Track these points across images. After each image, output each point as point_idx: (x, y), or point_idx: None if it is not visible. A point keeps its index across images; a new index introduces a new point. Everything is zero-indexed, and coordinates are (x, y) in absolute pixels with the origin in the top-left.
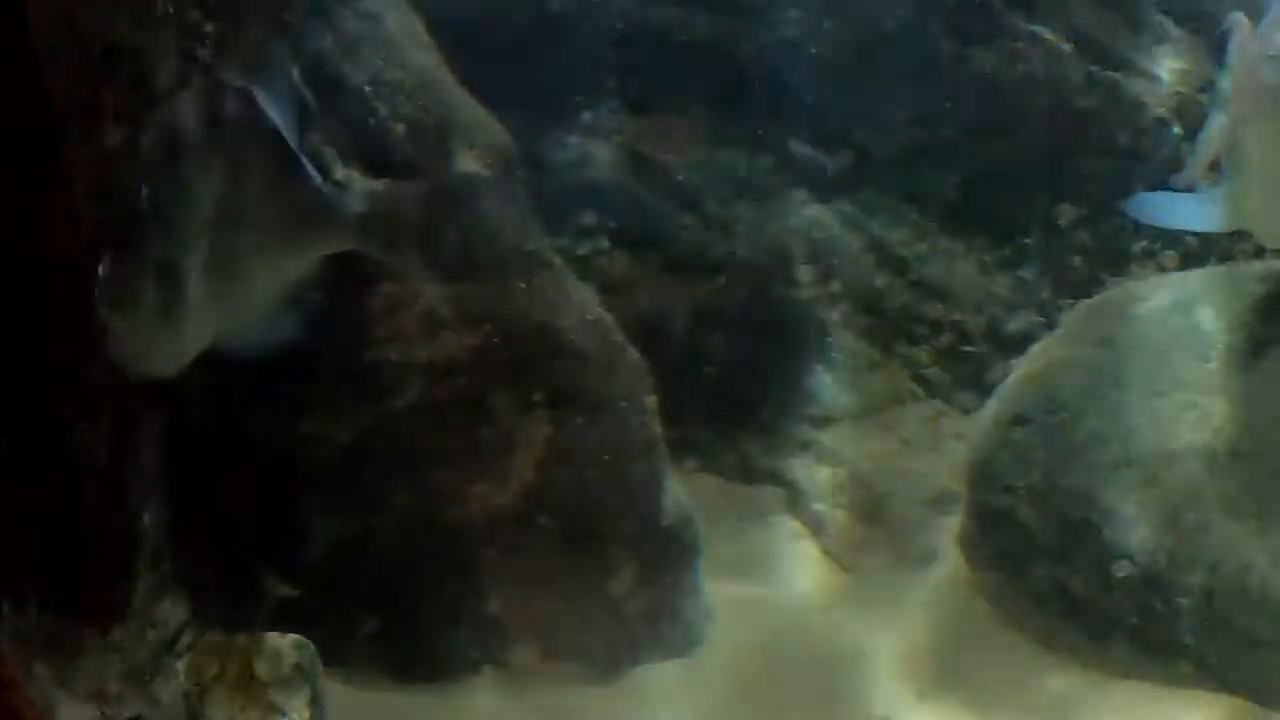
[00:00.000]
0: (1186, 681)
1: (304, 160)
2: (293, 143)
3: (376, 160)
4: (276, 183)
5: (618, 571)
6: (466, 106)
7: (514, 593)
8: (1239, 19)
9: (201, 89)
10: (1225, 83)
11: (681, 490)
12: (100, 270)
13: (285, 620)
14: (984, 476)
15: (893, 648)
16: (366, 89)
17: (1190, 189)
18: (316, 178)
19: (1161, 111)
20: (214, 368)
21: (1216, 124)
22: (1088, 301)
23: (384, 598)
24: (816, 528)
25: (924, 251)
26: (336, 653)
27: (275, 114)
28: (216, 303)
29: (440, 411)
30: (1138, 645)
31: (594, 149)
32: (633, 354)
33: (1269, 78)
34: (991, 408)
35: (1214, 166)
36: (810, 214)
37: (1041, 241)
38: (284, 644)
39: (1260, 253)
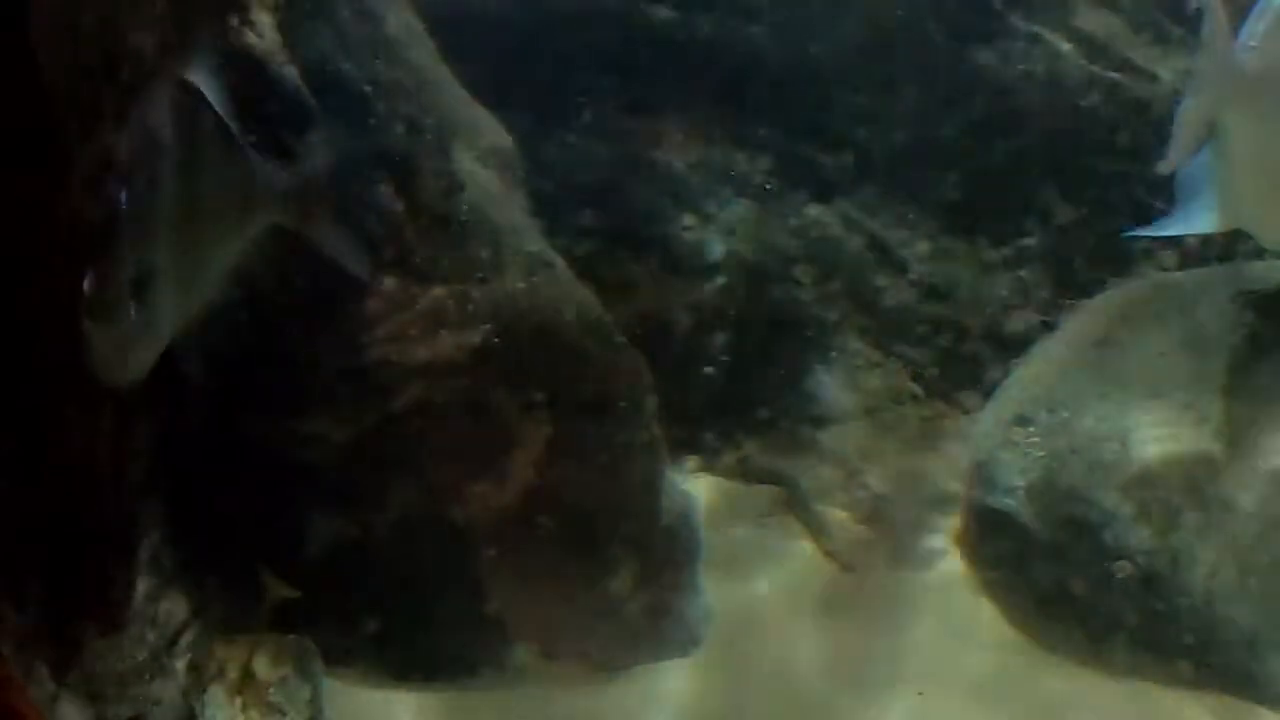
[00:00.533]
0: (1186, 681)
1: (237, 138)
2: (227, 119)
3: (375, 159)
4: (218, 166)
5: (617, 571)
6: (466, 106)
7: (514, 592)
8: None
9: (163, 87)
10: (1198, 64)
11: (681, 490)
12: (85, 286)
13: (285, 620)
14: (984, 476)
15: (893, 648)
16: (366, 89)
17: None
18: (250, 155)
19: (1161, 111)
20: (214, 368)
21: (1189, 106)
22: (1088, 301)
23: (384, 597)
24: (817, 528)
25: (924, 251)
26: (336, 653)
27: (208, 94)
28: (177, 296)
29: (440, 411)
30: (1138, 645)
31: (593, 149)
32: (633, 354)
33: (1255, 70)
34: (991, 408)
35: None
36: (810, 214)
37: (1041, 241)
38: (284, 644)
39: (1260, 253)
